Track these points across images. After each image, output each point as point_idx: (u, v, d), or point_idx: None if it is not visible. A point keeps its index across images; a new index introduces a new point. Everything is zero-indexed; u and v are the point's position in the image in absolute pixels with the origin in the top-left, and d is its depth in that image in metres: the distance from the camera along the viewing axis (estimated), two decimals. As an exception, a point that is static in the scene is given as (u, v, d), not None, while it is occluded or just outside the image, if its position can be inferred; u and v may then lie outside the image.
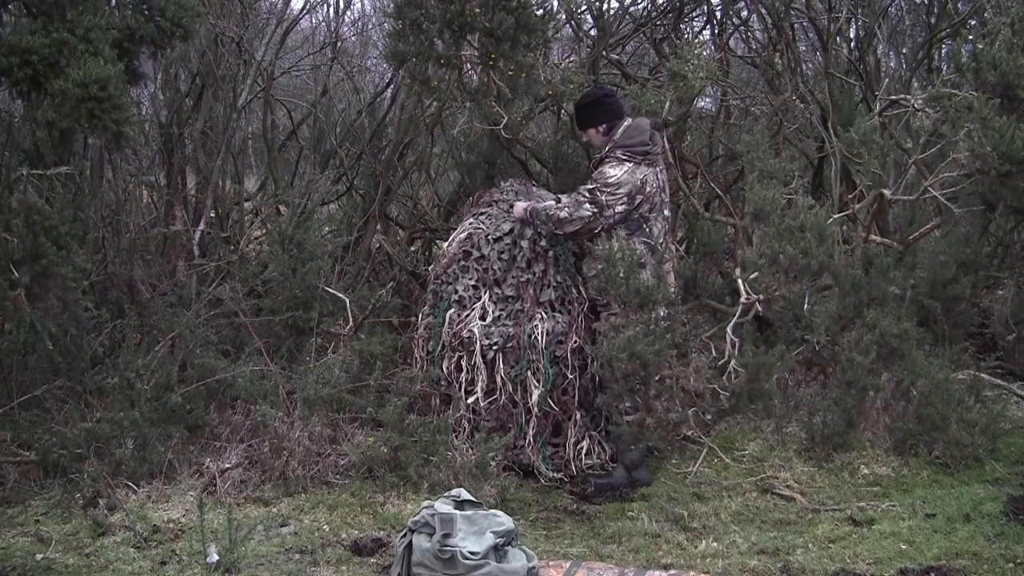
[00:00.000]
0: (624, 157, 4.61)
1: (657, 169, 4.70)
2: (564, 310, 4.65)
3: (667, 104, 4.93)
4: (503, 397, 4.52)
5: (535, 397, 4.51)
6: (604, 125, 4.73)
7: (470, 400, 4.52)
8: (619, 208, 4.55)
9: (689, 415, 4.46)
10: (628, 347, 4.26)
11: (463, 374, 4.55)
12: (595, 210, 4.55)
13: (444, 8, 4.53)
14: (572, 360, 4.57)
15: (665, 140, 5.15)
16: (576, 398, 4.63)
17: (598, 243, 4.58)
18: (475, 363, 4.54)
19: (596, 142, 4.82)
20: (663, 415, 4.41)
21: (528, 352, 4.52)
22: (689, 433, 4.68)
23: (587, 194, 4.58)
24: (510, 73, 4.63)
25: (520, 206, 4.74)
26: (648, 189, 4.62)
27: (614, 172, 4.58)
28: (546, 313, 4.59)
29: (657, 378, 4.39)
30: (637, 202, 4.58)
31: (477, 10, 4.51)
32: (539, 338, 4.51)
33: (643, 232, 4.61)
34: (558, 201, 4.70)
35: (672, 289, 4.68)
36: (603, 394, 4.59)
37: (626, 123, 4.70)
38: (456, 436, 4.45)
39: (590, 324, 4.67)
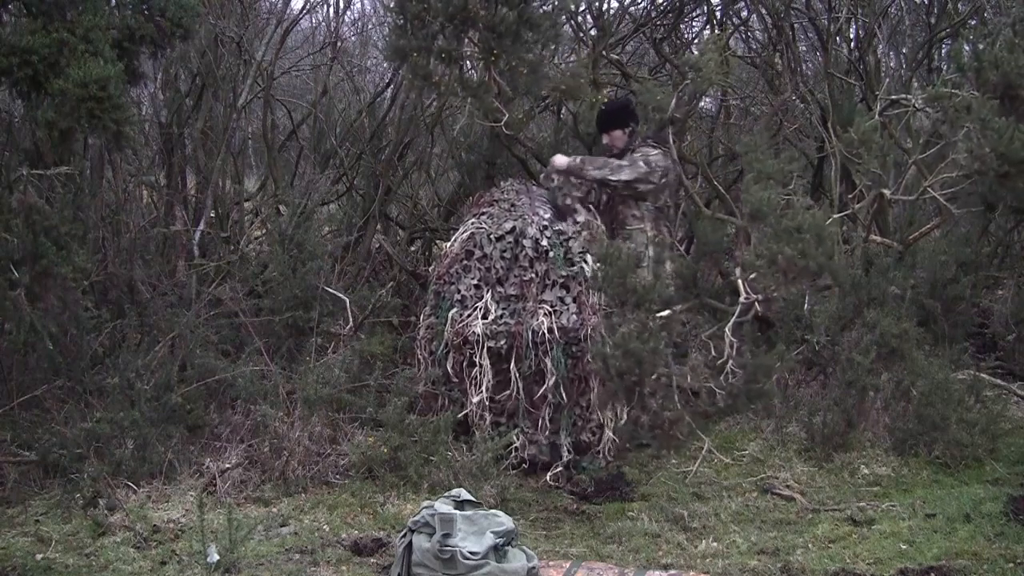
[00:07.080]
0: (655, 145, 5.10)
1: None
2: (575, 304, 4.65)
3: (673, 101, 4.96)
4: (515, 391, 4.52)
5: (550, 386, 4.51)
6: (630, 127, 5.20)
7: (476, 400, 4.51)
8: (656, 176, 5.04)
9: (685, 414, 4.46)
10: (623, 344, 4.25)
11: (475, 370, 4.55)
12: (645, 169, 5.01)
13: (446, 3, 4.53)
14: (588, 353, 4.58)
15: (671, 137, 5.21)
16: (594, 385, 4.63)
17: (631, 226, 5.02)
18: (482, 362, 4.53)
19: (619, 143, 5.22)
20: (658, 412, 4.40)
21: (536, 348, 4.51)
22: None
23: (640, 156, 5.06)
24: (517, 66, 4.64)
25: (562, 159, 5.11)
26: (666, 179, 5.09)
27: (653, 152, 5.07)
28: (552, 308, 4.59)
29: (653, 376, 4.38)
30: (662, 183, 5.05)
31: (479, 6, 4.51)
32: (546, 333, 4.51)
33: (667, 219, 5.11)
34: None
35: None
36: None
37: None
38: (477, 431, 4.45)
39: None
